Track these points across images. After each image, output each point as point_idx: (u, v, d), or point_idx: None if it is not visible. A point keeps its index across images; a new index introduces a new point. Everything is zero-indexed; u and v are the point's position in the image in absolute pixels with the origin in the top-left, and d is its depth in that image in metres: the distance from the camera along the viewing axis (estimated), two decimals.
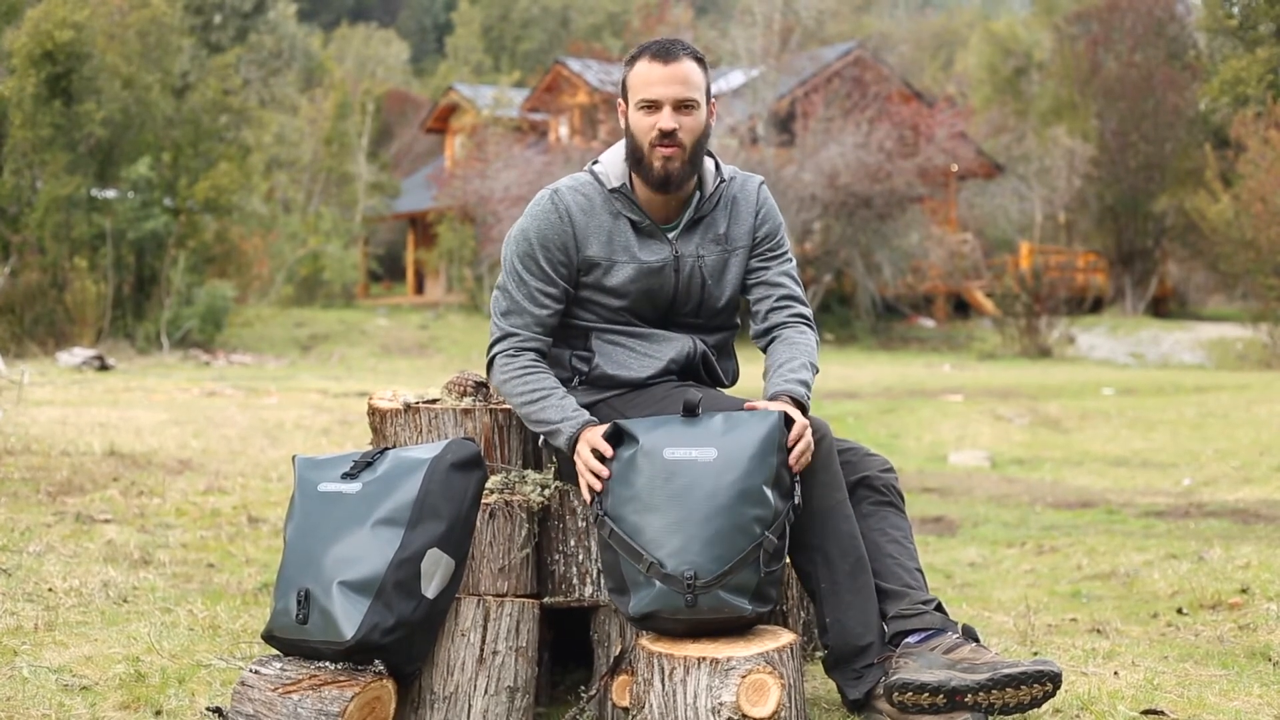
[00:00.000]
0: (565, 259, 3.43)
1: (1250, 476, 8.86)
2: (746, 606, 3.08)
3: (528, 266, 3.43)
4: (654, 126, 3.37)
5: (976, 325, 29.78)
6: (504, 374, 3.41)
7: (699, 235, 3.51)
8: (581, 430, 3.28)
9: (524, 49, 55.08)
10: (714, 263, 3.52)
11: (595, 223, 3.45)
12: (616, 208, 3.46)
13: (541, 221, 3.43)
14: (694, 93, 3.38)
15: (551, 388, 3.37)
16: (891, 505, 3.42)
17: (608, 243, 3.44)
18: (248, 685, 3.08)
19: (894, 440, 11.73)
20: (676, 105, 3.37)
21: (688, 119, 3.38)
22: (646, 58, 3.40)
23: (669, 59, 3.38)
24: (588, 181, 3.50)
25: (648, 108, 3.39)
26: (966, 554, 6.30)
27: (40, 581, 4.53)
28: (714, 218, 3.53)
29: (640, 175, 3.44)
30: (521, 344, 3.42)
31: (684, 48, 3.41)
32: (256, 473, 7.50)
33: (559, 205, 3.44)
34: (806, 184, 26.34)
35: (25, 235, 23.11)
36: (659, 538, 3.08)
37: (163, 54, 25.04)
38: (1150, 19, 34.02)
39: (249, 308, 27.83)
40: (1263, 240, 25.11)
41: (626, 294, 3.45)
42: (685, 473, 3.12)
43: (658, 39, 3.46)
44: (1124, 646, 4.13)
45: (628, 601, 3.14)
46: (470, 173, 30.77)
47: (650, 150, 3.39)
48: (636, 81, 3.41)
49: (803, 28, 30.16)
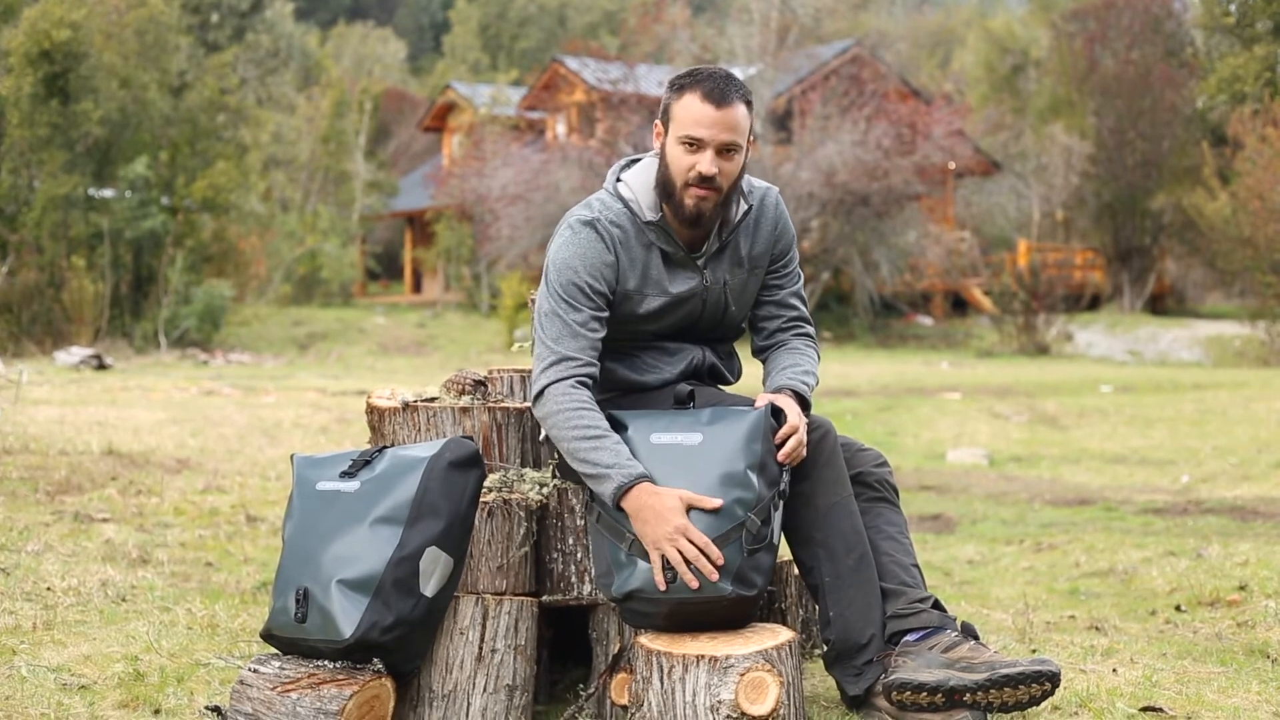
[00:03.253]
0: (610, 288, 3.34)
1: (1248, 473, 8.86)
2: (726, 588, 3.08)
3: (575, 296, 3.31)
4: (693, 167, 3.26)
5: (974, 323, 29.78)
6: (557, 405, 3.25)
7: (726, 259, 3.44)
8: (635, 483, 3.14)
9: (521, 47, 55.04)
10: (737, 285, 3.48)
11: (630, 256, 3.37)
12: (650, 239, 3.38)
13: (588, 251, 3.33)
14: (740, 138, 3.28)
15: (607, 430, 3.23)
16: (886, 500, 3.42)
17: (642, 276, 3.37)
18: (246, 684, 3.08)
19: (892, 438, 11.73)
20: (720, 149, 3.26)
21: (728, 164, 3.28)
22: (698, 95, 3.26)
23: (722, 103, 3.24)
24: (621, 211, 3.38)
25: (690, 145, 3.27)
26: (965, 551, 6.30)
27: (39, 581, 4.53)
28: (738, 240, 3.46)
29: (669, 207, 3.35)
30: (577, 372, 3.29)
31: (737, 89, 3.28)
32: (255, 471, 7.50)
33: (605, 236, 3.34)
34: (804, 182, 26.33)
35: (23, 234, 23.12)
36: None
37: (160, 53, 25.03)
38: (1147, 16, 34.02)
39: (247, 306, 27.83)
40: (1260, 237, 25.12)
41: (652, 320, 3.42)
42: (669, 455, 3.18)
43: (711, 72, 3.29)
44: (1122, 644, 4.13)
45: (611, 584, 3.17)
46: (468, 171, 30.76)
47: (684, 188, 3.29)
48: (683, 115, 3.27)
49: (800, 25, 30.14)
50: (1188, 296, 35.96)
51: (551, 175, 27.20)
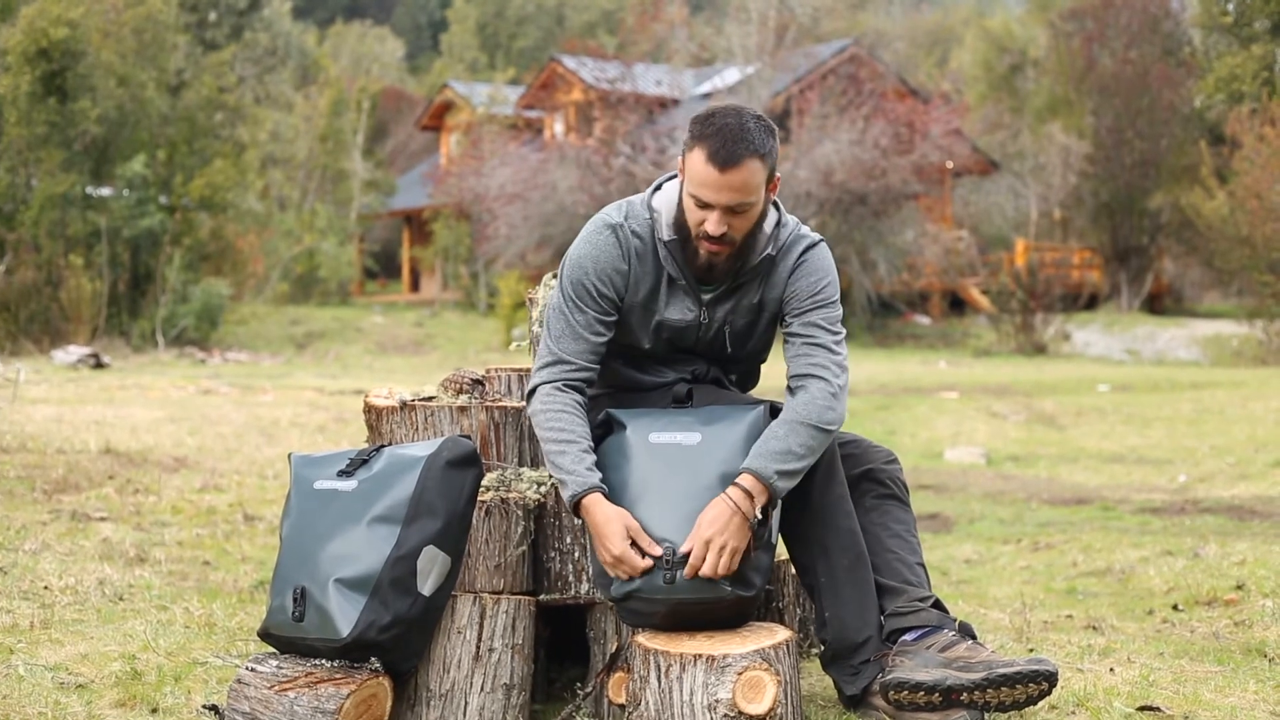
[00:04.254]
0: (615, 297, 3.32)
1: (1246, 473, 8.86)
2: (726, 588, 3.08)
3: (582, 297, 3.30)
4: (702, 223, 3.19)
5: (972, 322, 29.79)
6: (542, 405, 3.27)
7: (734, 300, 3.36)
8: (587, 493, 3.15)
9: (519, 46, 55.01)
10: (742, 326, 3.40)
11: (643, 270, 3.33)
12: (660, 257, 3.33)
13: (601, 256, 3.30)
14: (750, 197, 3.16)
15: (579, 437, 3.22)
16: (895, 499, 3.42)
17: (649, 291, 3.34)
18: (244, 683, 3.08)
19: (890, 437, 11.72)
20: (726, 209, 3.17)
21: (739, 220, 3.19)
22: (705, 154, 3.13)
23: (726, 166, 3.11)
24: (646, 222, 3.33)
25: (699, 204, 3.19)
26: (962, 551, 6.30)
27: (36, 579, 4.52)
28: (754, 284, 3.35)
29: (683, 250, 3.29)
30: (569, 375, 3.29)
31: (748, 145, 3.12)
32: (252, 470, 7.49)
33: (622, 244, 3.31)
34: (802, 181, 26.33)
35: (20, 233, 23.10)
36: (640, 517, 3.12)
37: (158, 51, 25.01)
38: (1145, 16, 34.02)
39: (244, 305, 27.82)
40: (1258, 236, 25.13)
41: (647, 340, 3.39)
42: (668, 454, 3.17)
43: (721, 127, 3.14)
44: (1119, 643, 4.13)
45: (609, 584, 3.16)
46: (465, 170, 30.76)
47: (696, 239, 3.24)
48: (692, 171, 3.17)
49: (798, 25, 30.16)
50: (1185, 296, 35.97)
51: (549, 174, 27.21)
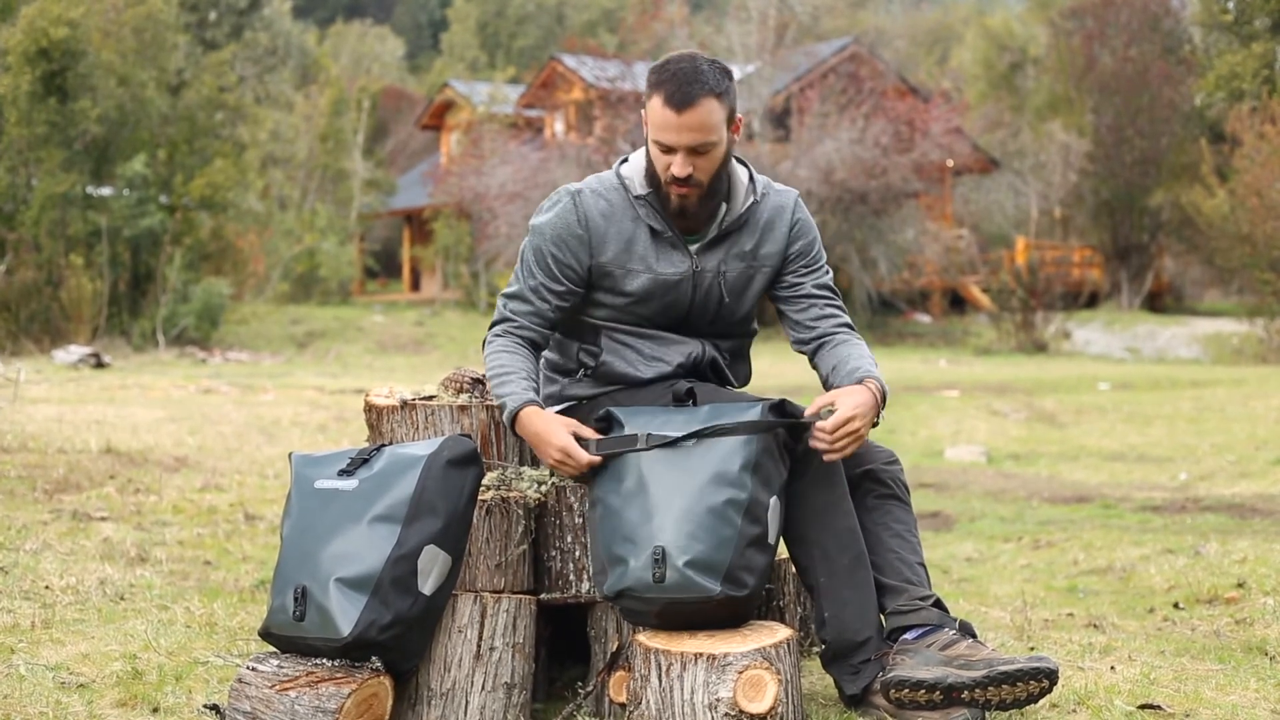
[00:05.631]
0: (575, 263, 3.38)
1: (1247, 471, 8.86)
2: (715, 587, 3.06)
3: (539, 261, 3.41)
4: (668, 168, 3.29)
5: (972, 320, 29.79)
6: (488, 351, 3.44)
7: (724, 250, 3.43)
8: (523, 406, 3.29)
9: (519, 45, 55.01)
10: (736, 278, 3.45)
11: (615, 229, 3.38)
12: (639, 214, 3.39)
13: (558, 221, 3.38)
14: (710, 136, 3.25)
15: (518, 368, 3.36)
16: (896, 498, 3.41)
17: (625, 250, 3.38)
18: (245, 682, 3.08)
19: (890, 435, 11.72)
20: (690, 150, 3.26)
21: (703, 160, 3.28)
22: (662, 98, 3.24)
23: (684, 107, 3.21)
24: (613, 186, 3.42)
25: (662, 147, 3.29)
26: (963, 549, 6.30)
27: (37, 579, 4.52)
28: (742, 234, 3.44)
29: (659, 200, 3.38)
30: (513, 330, 3.43)
31: (702, 85, 3.22)
32: (253, 470, 7.49)
33: (579, 209, 3.38)
34: (802, 180, 26.32)
35: (21, 233, 23.09)
36: (635, 516, 3.12)
37: (158, 51, 24.99)
38: (1145, 14, 34.02)
39: (245, 305, 27.80)
40: (1258, 235, 25.13)
41: (640, 302, 3.42)
42: (664, 452, 3.17)
43: (675, 71, 3.24)
44: (1120, 641, 4.13)
45: (604, 581, 3.17)
46: (466, 169, 30.75)
47: (666, 185, 3.33)
48: (653, 118, 3.28)
49: (798, 23, 30.15)
50: (1186, 294, 35.98)
51: (550, 173, 27.19)
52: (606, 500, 3.20)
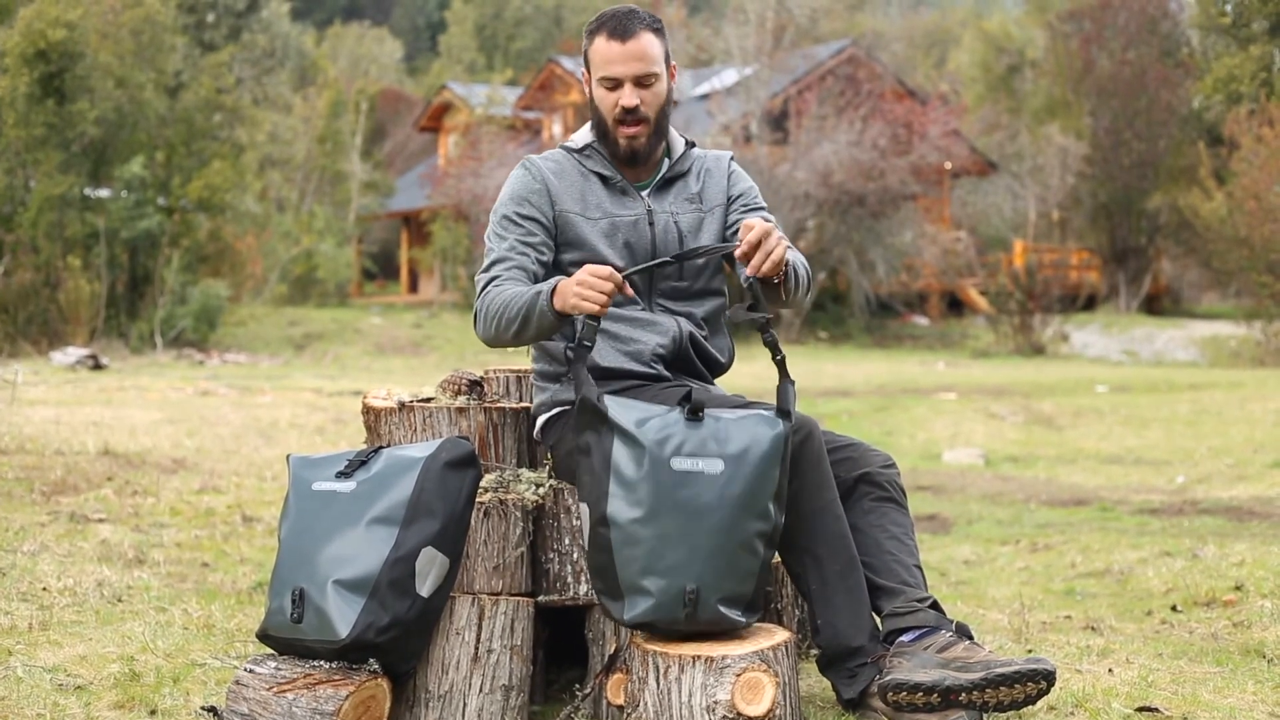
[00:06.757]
0: (540, 214, 3.48)
1: (1244, 474, 8.87)
2: (741, 619, 3.09)
3: (507, 225, 3.49)
4: (616, 104, 3.45)
5: (970, 323, 29.80)
6: (484, 303, 3.39)
7: (672, 195, 3.58)
8: (557, 284, 3.24)
9: (517, 47, 55.03)
10: (689, 220, 3.57)
11: (567, 183, 3.52)
12: (586, 167, 3.54)
13: (516, 184, 3.52)
14: (653, 66, 3.44)
15: (528, 288, 3.32)
16: (893, 501, 3.41)
17: (580, 199, 3.51)
18: (242, 684, 3.08)
19: (888, 438, 11.73)
20: (637, 81, 3.43)
21: (648, 93, 3.45)
22: (604, 35, 3.44)
23: (626, 36, 3.41)
24: (558, 151, 3.60)
25: (609, 84, 3.45)
26: (961, 552, 6.30)
27: (35, 581, 4.52)
28: (686, 180, 3.60)
29: (607, 149, 3.53)
30: (502, 272, 3.43)
31: (640, 20, 3.44)
32: (251, 472, 7.49)
33: (531, 168, 3.54)
34: (800, 182, 26.35)
35: (18, 234, 23.10)
36: (660, 548, 3.03)
37: (156, 53, 25.00)
38: (1143, 16, 34.05)
39: (243, 307, 27.80)
40: (1256, 237, 25.14)
41: (607, 244, 3.47)
42: (691, 484, 3.05)
43: (614, 11, 3.47)
44: (1118, 644, 4.13)
45: (621, 607, 3.08)
46: (464, 171, 30.76)
47: (615, 126, 3.48)
48: (596, 58, 3.46)
49: (796, 26, 30.17)
50: (1183, 297, 36.01)
51: None
52: (626, 524, 3.05)
